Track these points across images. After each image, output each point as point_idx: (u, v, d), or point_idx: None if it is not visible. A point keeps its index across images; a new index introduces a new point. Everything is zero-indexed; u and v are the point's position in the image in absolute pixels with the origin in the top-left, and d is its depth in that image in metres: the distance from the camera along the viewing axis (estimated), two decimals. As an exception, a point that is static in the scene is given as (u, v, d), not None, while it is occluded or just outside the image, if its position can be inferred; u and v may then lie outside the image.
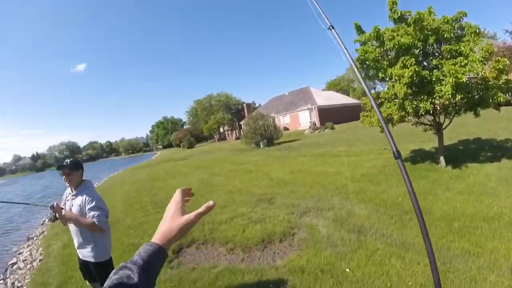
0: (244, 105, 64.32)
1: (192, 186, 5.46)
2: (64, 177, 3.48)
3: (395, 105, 8.41)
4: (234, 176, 13.25)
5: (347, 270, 4.00)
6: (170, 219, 0.94)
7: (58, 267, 7.37)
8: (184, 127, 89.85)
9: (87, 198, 3.36)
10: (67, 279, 6.31)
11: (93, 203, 3.34)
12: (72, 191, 3.53)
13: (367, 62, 8.44)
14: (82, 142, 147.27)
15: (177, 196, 1.00)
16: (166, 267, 5.33)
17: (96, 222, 3.30)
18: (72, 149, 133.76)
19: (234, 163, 18.73)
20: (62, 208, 3.46)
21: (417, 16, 7.79)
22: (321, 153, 15.90)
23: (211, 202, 1.00)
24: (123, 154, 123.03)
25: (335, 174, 10.11)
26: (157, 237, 0.91)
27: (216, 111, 68.51)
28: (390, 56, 8.57)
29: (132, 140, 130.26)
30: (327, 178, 9.76)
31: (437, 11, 8.39)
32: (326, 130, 33.44)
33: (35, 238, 11.75)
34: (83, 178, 3.60)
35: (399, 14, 8.37)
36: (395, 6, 8.37)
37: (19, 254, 10.46)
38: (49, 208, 3.44)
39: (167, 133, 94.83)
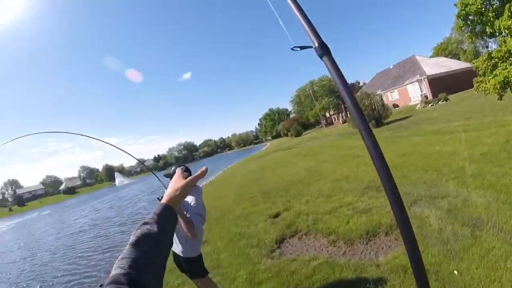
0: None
1: (299, 175, 8.81)
2: None
3: (511, 64, 7.23)
4: (342, 162, 12.96)
5: (455, 272, 3.57)
6: (173, 184, 1.19)
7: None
8: (290, 116, 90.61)
9: (192, 202, 3.72)
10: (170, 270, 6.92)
11: (195, 209, 3.69)
12: None
13: (470, 17, 7.44)
14: (198, 141, 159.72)
15: (178, 171, 1.28)
16: (267, 257, 5.54)
17: (193, 226, 3.60)
18: (190, 148, 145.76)
19: (341, 148, 18.36)
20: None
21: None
22: (435, 130, 14.50)
23: (204, 168, 1.30)
24: (236, 148, 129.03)
25: (451, 155, 9.08)
26: (164, 199, 1.12)
27: (320, 96, 67.61)
28: (494, 6, 7.29)
29: (243, 134, 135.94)
30: (442, 159, 8.83)
31: None
32: (439, 102, 30.22)
33: None
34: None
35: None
36: None
37: None
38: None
39: (275, 123, 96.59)
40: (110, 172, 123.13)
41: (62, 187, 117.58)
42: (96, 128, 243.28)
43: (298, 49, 1.30)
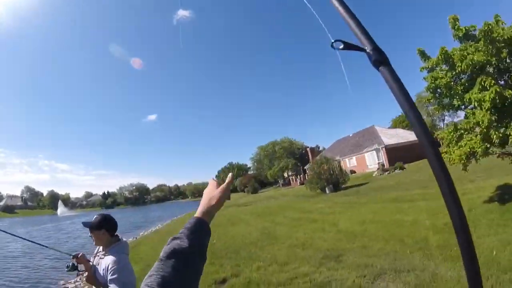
0: (308, 149, 63.48)
1: (252, 236, 4.75)
2: (91, 235, 3.11)
3: (476, 136, 7.27)
4: (298, 226, 12.33)
5: None
6: (207, 194, 1.13)
7: None
8: (249, 172, 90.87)
9: (112, 265, 2.85)
10: None
11: (116, 275, 2.81)
12: (99, 250, 3.17)
13: (439, 90, 7.62)
14: (151, 185, 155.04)
15: (211, 182, 1.20)
16: None
17: None
18: (141, 190, 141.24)
19: (298, 210, 17.74)
20: (89, 261, 3.10)
21: (486, 28, 6.93)
22: (393, 198, 14.33)
23: (231, 174, 1.25)
24: (190, 197, 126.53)
25: (413, 224, 8.72)
26: (198, 211, 1.07)
27: (280, 158, 68.52)
28: (463, 80, 7.66)
29: (199, 185, 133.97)
30: (404, 229, 8.41)
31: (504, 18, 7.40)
32: (396, 171, 31.08)
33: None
34: (120, 239, 3.17)
35: (464, 31, 7.58)
36: (457, 23, 7.63)
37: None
38: (71, 257, 3.16)
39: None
40: (54, 200, 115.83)
41: (1, 203, 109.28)
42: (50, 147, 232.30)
43: (342, 46, 0.86)
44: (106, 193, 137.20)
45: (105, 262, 2.92)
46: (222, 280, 7.05)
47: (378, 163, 38.31)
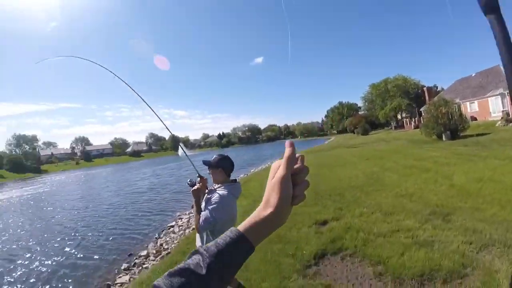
0: (424, 89, 57.48)
1: (359, 180, 8.78)
2: (209, 172, 3.58)
3: None
4: (408, 174, 11.78)
5: None
6: (267, 191, 0.78)
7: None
8: (360, 112, 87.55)
9: (215, 198, 3.30)
10: None
11: (212, 206, 3.25)
12: (213, 186, 3.57)
13: None
14: (262, 125, 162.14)
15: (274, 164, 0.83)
16: (300, 273, 4.91)
17: (200, 223, 3.26)
18: (253, 130, 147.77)
19: (410, 157, 16.85)
20: (206, 188, 3.62)
21: None
22: (520, 156, 12.51)
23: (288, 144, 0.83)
24: (299, 137, 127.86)
25: (541, 191, 7.56)
26: (243, 222, 0.76)
27: (393, 97, 64.10)
28: None
29: (308, 124, 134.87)
30: (527, 195, 7.32)
31: None
32: (524, 123, 26.63)
33: None
34: (231, 179, 3.57)
35: None
36: None
37: (179, 219, 11.99)
38: (197, 176, 3.71)
39: (342, 118, 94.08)
40: (175, 142, 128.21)
41: (129, 149, 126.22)
42: (167, 98, 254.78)
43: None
44: (221, 134, 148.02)
45: (212, 195, 3.36)
46: (323, 221, 7.31)
47: (503, 111, 33.20)
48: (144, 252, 8.96)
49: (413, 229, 6.00)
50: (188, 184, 3.65)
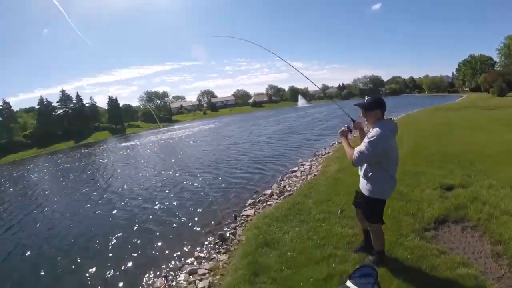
0: None
1: (492, 148, 9.04)
2: (362, 115, 3.86)
3: None
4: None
5: None
6: None
7: (324, 187, 8.44)
8: (495, 68, 75.85)
9: (371, 134, 3.57)
10: (325, 200, 7.17)
11: (368, 141, 3.54)
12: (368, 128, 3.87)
13: None
14: (385, 77, 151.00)
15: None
16: (417, 234, 5.00)
17: (354, 156, 3.62)
18: (375, 82, 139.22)
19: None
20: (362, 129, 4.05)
21: None
22: None
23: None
24: (426, 92, 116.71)
25: None
26: None
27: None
28: None
29: (436, 78, 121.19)
30: None
31: None
32: None
33: (319, 156, 13.82)
34: (385, 118, 3.80)
35: None
36: None
37: (301, 165, 12.73)
38: (350, 120, 4.17)
39: (475, 73, 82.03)
40: (294, 93, 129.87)
41: (251, 100, 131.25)
42: (284, 50, 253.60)
43: None
44: (341, 85, 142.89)
45: (370, 132, 3.64)
46: (449, 186, 7.10)
47: None
48: (268, 191, 10.01)
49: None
50: (345, 128, 4.08)
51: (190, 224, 9.22)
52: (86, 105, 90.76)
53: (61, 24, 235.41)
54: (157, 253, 7.77)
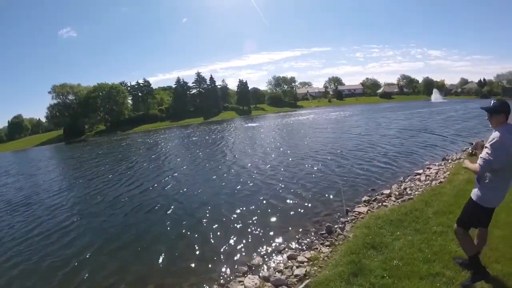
0: None
1: None
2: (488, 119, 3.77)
3: None
4: None
5: None
6: None
7: (449, 197, 7.59)
8: None
9: (491, 138, 3.53)
10: (447, 211, 6.50)
11: (489, 148, 3.48)
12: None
13: None
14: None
15: None
16: None
17: (478, 165, 3.51)
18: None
19: None
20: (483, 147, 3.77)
21: None
22: None
23: None
24: None
25: None
26: None
27: None
28: None
29: None
30: None
31: None
32: None
33: (449, 161, 12.43)
34: (508, 122, 3.64)
35: None
36: None
37: (427, 168, 11.58)
38: (470, 144, 3.94)
39: None
40: (429, 86, 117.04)
41: (379, 90, 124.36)
42: (421, 36, 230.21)
43: None
44: (481, 80, 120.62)
45: (491, 137, 3.55)
46: None
47: None
48: (386, 191, 9.44)
49: None
50: (468, 153, 3.98)
51: (300, 208, 9.34)
52: (218, 86, 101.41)
53: (199, 14, 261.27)
54: (263, 230, 8.12)
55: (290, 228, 7.94)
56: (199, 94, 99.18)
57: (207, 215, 9.69)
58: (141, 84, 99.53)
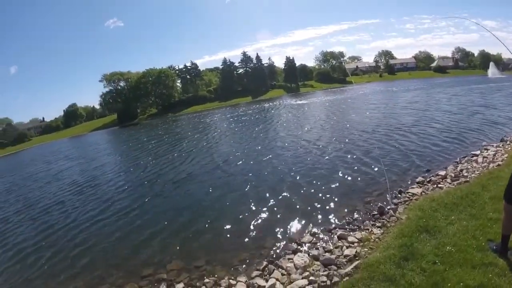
0: None
1: None
2: None
3: None
4: None
5: None
6: None
7: (506, 181, 7.18)
8: None
9: None
10: (499, 196, 5.99)
11: None
12: None
13: None
14: None
15: None
16: None
17: None
18: None
19: None
20: None
21: None
22: None
23: None
24: None
25: None
26: None
27: None
28: None
29: None
30: None
31: None
32: None
33: (507, 142, 11.72)
34: None
35: None
36: None
37: (485, 149, 11.00)
38: None
39: None
40: (485, 60, 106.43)
41: (433, 64, 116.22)
42: (474, 6, 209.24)
43: None
44: None
45: None
46: None
47: None
48: (442, 172, 9.19)
49: None
50: None
51: (352, 187, 9.45)
52: (265, 65, 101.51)
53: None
54: (313, 208, 8.36)
55: (340, 208, 8.08)
56: (246, 73, 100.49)
57: (260, 193, 10.13)
58: (189, 67, 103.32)
